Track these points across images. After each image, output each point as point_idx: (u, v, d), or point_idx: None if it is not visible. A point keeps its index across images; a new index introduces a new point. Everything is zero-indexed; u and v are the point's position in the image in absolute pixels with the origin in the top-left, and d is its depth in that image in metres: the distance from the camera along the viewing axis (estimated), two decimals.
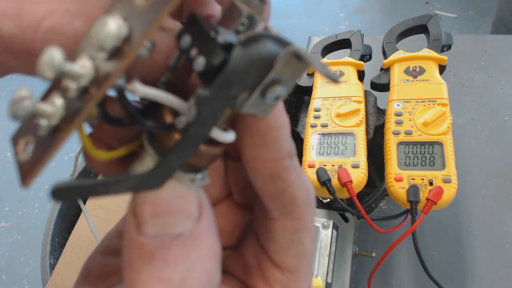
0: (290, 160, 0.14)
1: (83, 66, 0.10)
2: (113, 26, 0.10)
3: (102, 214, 0.64)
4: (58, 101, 0.10)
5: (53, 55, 0.09)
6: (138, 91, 0.11)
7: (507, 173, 0.56)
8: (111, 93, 0.12)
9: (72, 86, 0.10)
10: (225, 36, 0.11)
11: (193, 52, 0.11)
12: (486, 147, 0.59)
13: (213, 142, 0.13)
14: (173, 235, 0.11)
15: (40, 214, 1.53)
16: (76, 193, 0.10)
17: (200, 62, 0.11)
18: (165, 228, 0.11)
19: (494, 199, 0.54)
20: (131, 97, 0.12)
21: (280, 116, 0.13)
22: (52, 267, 0.61)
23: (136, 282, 0.11)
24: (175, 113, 0.12)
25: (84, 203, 0.62)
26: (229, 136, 0.12)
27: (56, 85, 0.11)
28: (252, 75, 0.11)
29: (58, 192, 0.10)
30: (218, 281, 0.13)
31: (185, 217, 0.12)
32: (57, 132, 0.10)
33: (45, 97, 0.11)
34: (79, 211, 0.70)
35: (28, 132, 0.11)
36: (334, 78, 0.11)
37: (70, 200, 0.11)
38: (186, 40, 0.12)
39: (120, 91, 0.11)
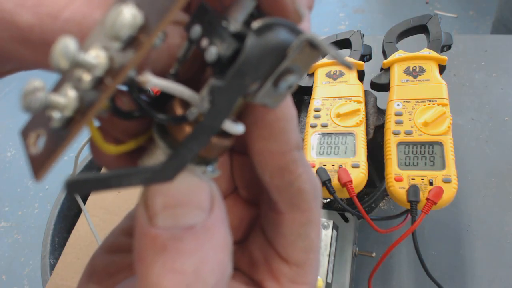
0: (298, 153, 0.14)
1: (98, 57, 0.10)
2: (128, 14, 0.09)
3: (102, 214, 0.64)
4: (71, 93, 0.10)
5: (67, 45, 0.09)
6: (150, 82, 0.11)
7: (507, 173, 0.56)
8: (120, 86, 0.11)
9: (86, 77, 0.10)
10: (237, 25, 0.11)
11: (204, 42, 0.11)
12: (486, 147, 0.59)
13: (224, 134, 0.12)
14: (185, 227, 0.11)
15: (40, 214, 1.53)
16: (89, 186, 0.10)
17: (212, 52, 0.11)
18: (177, 219, 0.11)
19: (494, 199, 0.54)
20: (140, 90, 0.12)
21: (288, 108, 0.13)
22: (52, 267, 0.61)
23: (149, 274, 0.11)
24: (185, 105, 0.12)
25: (84, 203, 0.62)
26: (239, 128, 0.12)
27: (67, 76, 0.11)
28: (266, 64, 0.11)
29: (72, 185, 0.10)
30: (230, 274, 0.12)
31: (197, 208, 0.12)
32: (70, 124, 0.10)
33: (57, 88, 0.11)
34: (79, 211, 0.70)
35: (38, 125, 0.11)
36: (349, 66, 0.11)
37: (84, 193, 0.10)
38: (196, 30, 0.11)
39: (131, 83, 0.11)
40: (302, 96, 0.53)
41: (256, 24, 0.11)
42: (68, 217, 0.69)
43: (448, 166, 0.37)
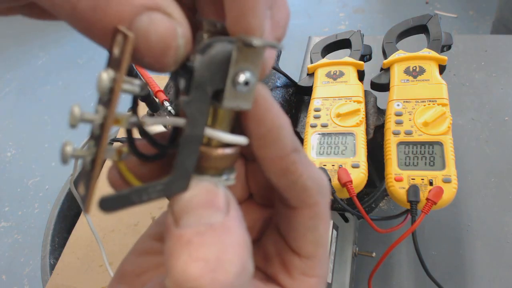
0: (296, 155, 0.15)
1: (96, 111, 0.13)
2: (104, 75, 0.13)
3: (102, 214, 0.64)
4: (91, 142, 0.13)
5: (75, 111, 0.12)
6: (147, 122, 0.14)
7: (507, 173, 0.56)
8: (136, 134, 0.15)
9: (94, 127, 0.13)
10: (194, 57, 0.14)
11: (180, 80, 0.14)
12: (486, 147, 0.59)
13: (225, 145, 0.15)
14: (206, 225, 0.13)
15: (40, 214, 1.53)
16: (117, 202, 0.13)
17: (181, 83, 0.14)
18: (199, 219, 0.13)
19: (494, 199, 0.54)
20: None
21: (277, 118, 0.14)
22: (52, 267, 0.61)
23: (177, 264, 0.12)
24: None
25: None
26: (239, 139, 0.14)
27: (93, 134, 0.14)
28: (217, 73, 0.13)
29: (104, 204, 0.13)
30: (251, 272, 0.13)
31: (216, 210, 0.13)
32: (94, 164, 0.13)
33: (86, 143, 0.15)
34: (79, 211, 0.70)
35: (82, 176, 0.14)
36: (275, 46, 0.13)
37: (114, 210, 0.13)
38: (173, 75, 0.14)
39: (139, 127, 0.14)
40: (302, 96, 0.53)
41: (199, 47, 0.14)
42: (68, 217, 0.69)
43: (448, 166, 0.37)
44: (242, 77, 0.13)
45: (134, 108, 0.14)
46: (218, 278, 0.12)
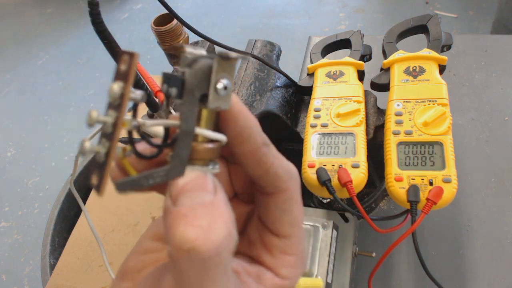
0: (266, 148, 0.18)
1: (109, 114, 0.16)
2: (115, 85, 0.16)
3: (102, 214, 0.64)
4: (103, 139, 0.16)
5: (92, 114, 0.16)
6: (145, 124, 0.17)
7: (507, 173, 0.56)
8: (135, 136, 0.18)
9: (107, 126, 0.16)
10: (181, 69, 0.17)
11: (171, 90, 0.17)
12: (486, 147, 0.59)
13: (211, 141, 0.18)
14: (199, 203, 0.16)
15: (40, 214, 1.53)
16: (130, 185, 0.16)
17: (173, 91, 0.17)
18: (192, 199, 0.16)
19: (494, 199, 0.54)
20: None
21: (247, 119, 0.18)
22: (52, 267, 0.62)
23: (176, 232, 0.15)
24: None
25: (84, 203, 0.62)
26: (220, 136, 0.18)
27: (104, 133, 0.17)
28: (202, 81, 0.17)
29: (119, 186, 0.16)
30: (236, 238, 0.16)
31: (205, 191, 0.16)
32: (107, 156, 0.16)
33: (100, 139, 0.17)
34: (79, 211, 0.70)
35: (95, 168, 0.17)
36: (245, 57, 0.17)
37: (127, 192, 0.16)
38: (165, 86, 0.17)
39: (138, 129, 0.17)
40: (302, 96, 0.53)
41: (186, 62, 0.17)
42: (68, 217, 0.69)
43: (448, 166, 0.37)
44: (221, 84, 0.17)
45: (134, 114, 0.17)
46: (210, 239, 0.15)
